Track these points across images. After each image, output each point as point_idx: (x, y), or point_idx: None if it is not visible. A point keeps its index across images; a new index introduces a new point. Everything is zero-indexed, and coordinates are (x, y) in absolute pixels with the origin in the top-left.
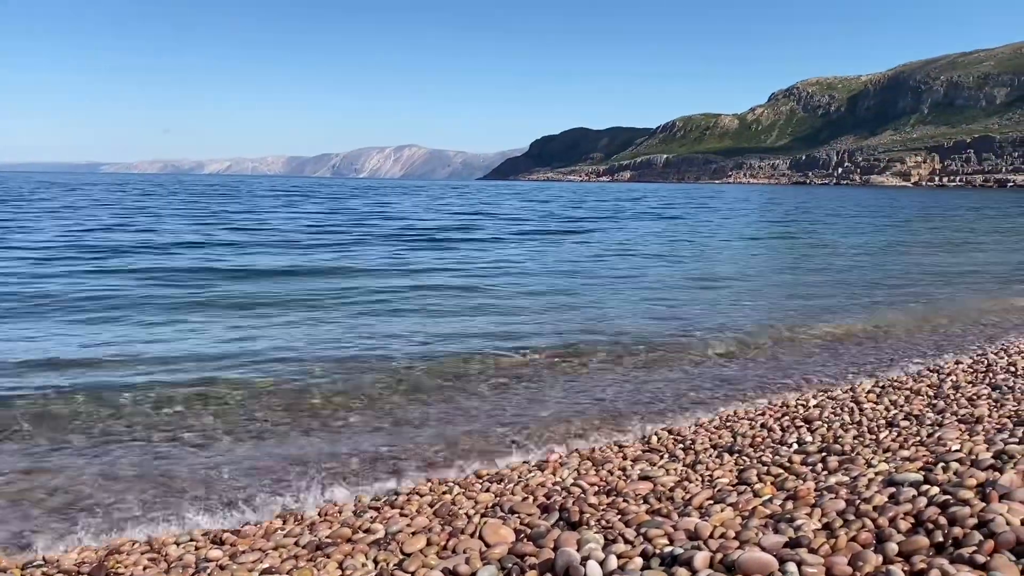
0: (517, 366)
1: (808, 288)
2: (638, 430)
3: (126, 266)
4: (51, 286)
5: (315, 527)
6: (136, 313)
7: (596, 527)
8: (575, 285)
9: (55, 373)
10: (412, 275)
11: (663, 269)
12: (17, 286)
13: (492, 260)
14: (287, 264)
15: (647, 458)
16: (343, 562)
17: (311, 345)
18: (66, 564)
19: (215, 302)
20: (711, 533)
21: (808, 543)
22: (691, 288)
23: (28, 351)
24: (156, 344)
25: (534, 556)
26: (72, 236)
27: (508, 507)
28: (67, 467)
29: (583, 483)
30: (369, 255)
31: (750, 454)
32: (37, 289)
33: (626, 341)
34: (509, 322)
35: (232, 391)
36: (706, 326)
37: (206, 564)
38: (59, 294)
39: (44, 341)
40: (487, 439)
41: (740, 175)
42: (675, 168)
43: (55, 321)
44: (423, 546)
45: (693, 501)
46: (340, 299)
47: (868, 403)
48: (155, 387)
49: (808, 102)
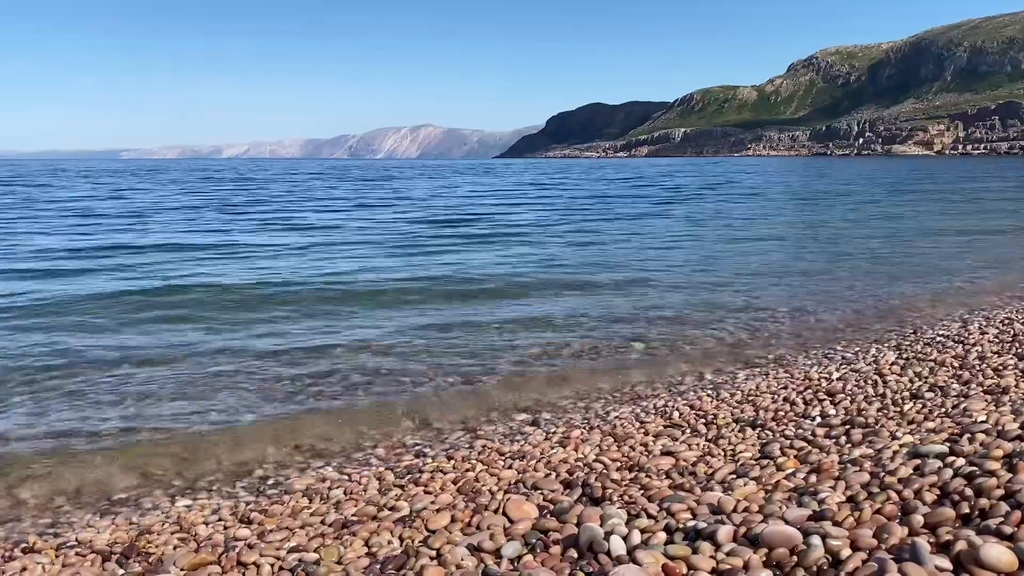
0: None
1: (843, 263)
2: (659, 405)
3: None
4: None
5: (340, 505)
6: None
7: (619, 502)
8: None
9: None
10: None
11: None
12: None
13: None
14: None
15: (669, 433)
16: (369, 539)
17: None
18: (98, 544)
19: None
20: (734, 507)
21: (832, 516)
22: (716, 265)
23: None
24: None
25: (557, 531)
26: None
27: (531, 483)
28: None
29: (605, 459)
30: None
31: (773, 428)
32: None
33: (651, 316)
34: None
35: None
36: (729, 302)
37: (235, 543)
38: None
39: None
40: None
41: (759, 147)
42: (693, 142)
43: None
44: (447, 523)
45: (716, 475)
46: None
47: (892, 375)
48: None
49: (828, 72)
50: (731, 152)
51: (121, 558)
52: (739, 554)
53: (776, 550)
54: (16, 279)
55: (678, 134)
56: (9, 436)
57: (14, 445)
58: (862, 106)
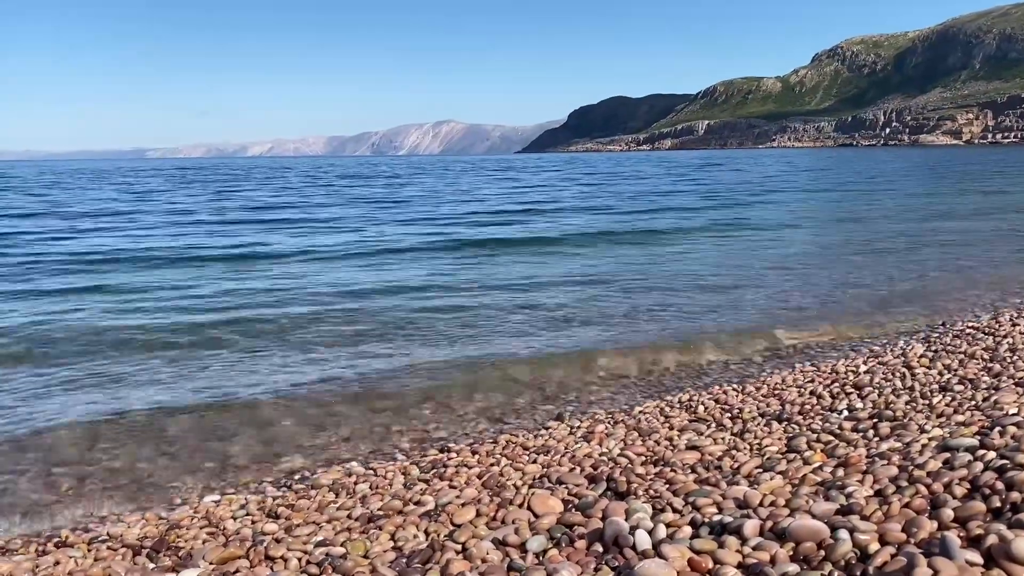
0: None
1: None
2: (684, 399)
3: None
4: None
5: (367, 500)
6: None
7: (644, 497)
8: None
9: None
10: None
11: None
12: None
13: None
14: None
15: (694, 427)
16: (395, 533)
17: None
18: (129, 539)
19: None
20: (761, 501)
21: (860, 510)
22: (739, 256)
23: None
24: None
25: (583, 526)
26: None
27: (556, 478)
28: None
29: (630, 453)
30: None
31: (799, 422)
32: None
33: (675, 307)
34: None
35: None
36: (751, 294)
37: (262, 537)
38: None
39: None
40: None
41: (784, 139)
42: (717, 134)
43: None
44: (473, 517)
45: (742, 470)
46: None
47: (920, 368)
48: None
49: (853, 61)
50: (755, 144)
51: (151, 552)
52: (766, 548)
53: (803, 544)
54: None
55: (701, 126)
56: (41, 426)
57: (51, 434)
58: (888, 96)
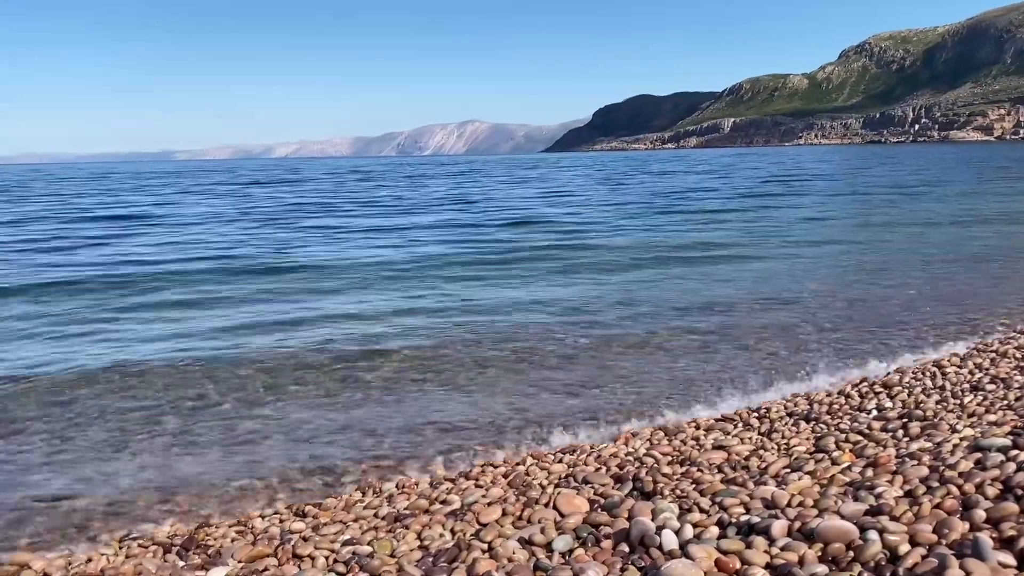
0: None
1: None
2: (710, 399)
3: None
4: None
5: (393, 499)
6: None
7: (670, 496)
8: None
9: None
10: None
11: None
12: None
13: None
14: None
15: (720, 427)
16: (421, 532)
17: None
18: (160, 537)
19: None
20: (788, 502)
21: (890, 511)
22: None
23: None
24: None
25: (609, 525)
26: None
27: (581, 477)
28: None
29: (656, 453)
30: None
31: (827, 421)
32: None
33: (698, 304)
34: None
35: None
36: (779, 290)
37: (290, 536)
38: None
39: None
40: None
41: (811, 136)
42: (743, 132)
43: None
44: (498, 516)
45: (769, 470)
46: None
47: (951, 367)
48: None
49: (881, 57)
50: (781, 142)
51: (181, 550)
52: (794, 549)
53: (832, 545)
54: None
55: (727, 124)
56: (74, 423)
57: (82, 432)
58: (917, 92)
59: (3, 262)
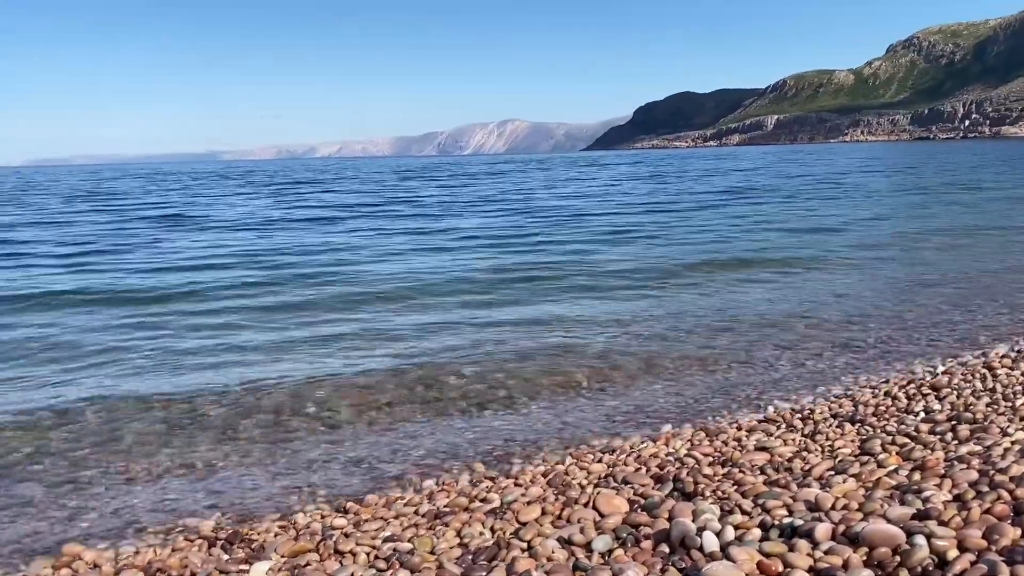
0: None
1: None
2: (753, 399)
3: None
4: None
5: (433, 497)
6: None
7: (712, 498)
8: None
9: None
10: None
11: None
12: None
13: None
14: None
15: (763, 428)
16: (461, 530)
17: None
18: (205, 531)
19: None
20: (833, 504)
21: (938, 515)
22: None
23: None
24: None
25: (648, 526)
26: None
27: (621, 478)
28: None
29: (697, 454)
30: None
31: (873, 423)
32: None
33: (740, 304)
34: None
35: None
36: (823, 290)
37: (332, 532)
38: None
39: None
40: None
41: (857, 133)
42: (786, 129)
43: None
44: (538, 515)
45: (813, 472)
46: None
47: (1002, 368)
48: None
49: (930, 52)
50: (826, 139)
51: (226, 544)
52: (838, 552)
53: (877, 549)
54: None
55: (770, 121)
56: (119, 417)
57: (127, 427)
58: (967, 87)
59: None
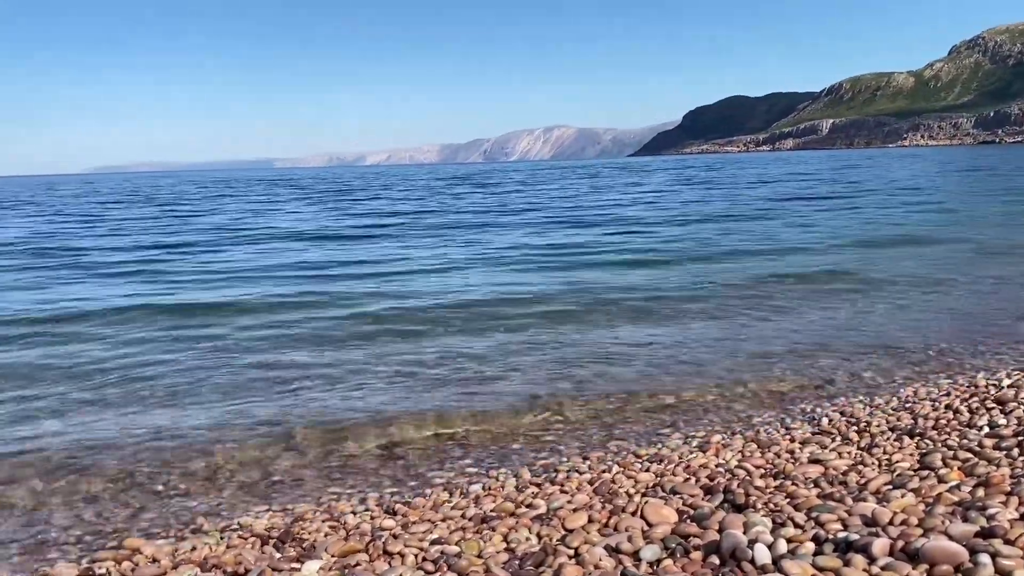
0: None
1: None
2: (807, 410)
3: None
4: None
5: (479, 501)
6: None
7: (763, 510)
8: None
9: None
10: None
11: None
12: None
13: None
14: None
15: (817, 440)
16: (507, 535)
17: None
18: (258, 529)
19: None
20: (891, 520)
21: (1003, 533)
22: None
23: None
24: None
25: (698, 537)
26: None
27: (669, 487)
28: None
29: (748, 465)
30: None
31: (933, 437)
32: None
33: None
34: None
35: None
36: (882, 298)
37: (381, 533)
38: None
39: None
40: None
41: (916, 137)
42: (842, 133)
43: None
44: (584, 523)
45: (869, 486)
46: None
47: None
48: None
49: (996, 52)
50: (884, 143)
51: (278, 542)
52: (896, 569)
53: (938, 567)
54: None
55: (825, 125)
56: (176, 419)
57: (187, 426)
58: None
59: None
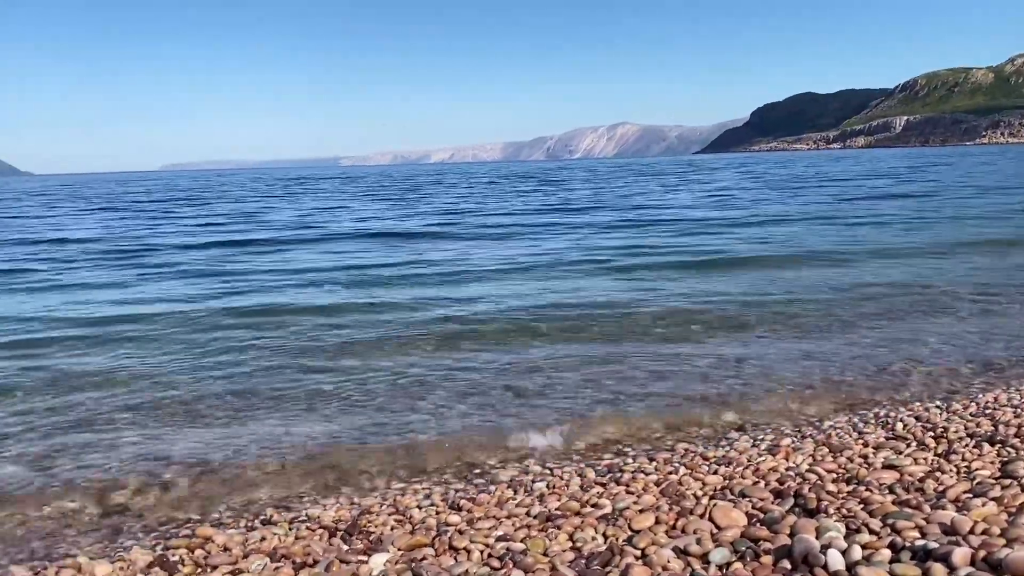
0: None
1: None
2: (880, 415)
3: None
4: None
5: (544, 499)
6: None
7: (836, 515)
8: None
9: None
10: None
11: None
12: None
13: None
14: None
15: (892, 446)
16: (573, 534)
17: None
18: (326, 520)
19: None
20: (971, 528)
21: None
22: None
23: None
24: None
25: (769, 541)
26: None
27: (738, 490)
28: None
29: (819, 470)
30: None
31: (1016, 445)
32: None
33: (867, 311)
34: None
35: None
36: (960, 301)
37: (446, 528)
38: None
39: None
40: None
41: (996, 135)
42: (917, 131)
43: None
44: (651, 524)
45: (948, 493)
46: None
47: None
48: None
49: None
50: (961, 141)
51: (345, 535)
52: None
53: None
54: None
55: (899, 123)
56: (247, 415)
57: (256, 421)
58: None
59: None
